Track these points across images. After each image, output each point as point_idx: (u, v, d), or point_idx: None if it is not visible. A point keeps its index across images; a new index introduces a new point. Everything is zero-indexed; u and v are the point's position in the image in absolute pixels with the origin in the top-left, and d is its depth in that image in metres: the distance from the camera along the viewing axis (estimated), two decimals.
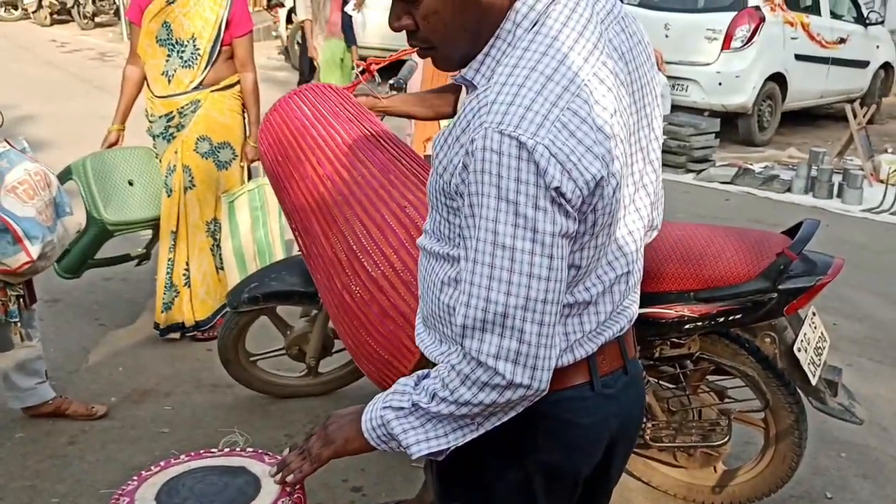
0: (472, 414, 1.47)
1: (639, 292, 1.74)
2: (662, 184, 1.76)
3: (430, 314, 1.66)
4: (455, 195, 1.47)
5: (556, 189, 1.35)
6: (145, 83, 4.48)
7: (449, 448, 1.53)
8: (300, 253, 3.06)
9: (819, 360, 3.08)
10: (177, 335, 4.59)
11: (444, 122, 5.08)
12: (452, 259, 1.57)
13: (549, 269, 1.39)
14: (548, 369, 1.43)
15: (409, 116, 3.22)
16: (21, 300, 3.47)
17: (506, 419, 1.50)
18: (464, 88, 1.93)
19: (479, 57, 1.50)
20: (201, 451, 1.94)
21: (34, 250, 3.27)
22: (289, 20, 13.82)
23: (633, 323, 1.71)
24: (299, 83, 11.41)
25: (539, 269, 1.38)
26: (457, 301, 1.47)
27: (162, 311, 4.56)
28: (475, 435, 1.51)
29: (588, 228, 1.44)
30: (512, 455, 1.63)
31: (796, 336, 3.00)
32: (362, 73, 3.37)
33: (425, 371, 1.56)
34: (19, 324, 3.48)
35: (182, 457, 1.88)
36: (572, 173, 1.35)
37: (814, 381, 3.02)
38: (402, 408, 1.52)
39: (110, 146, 4.51)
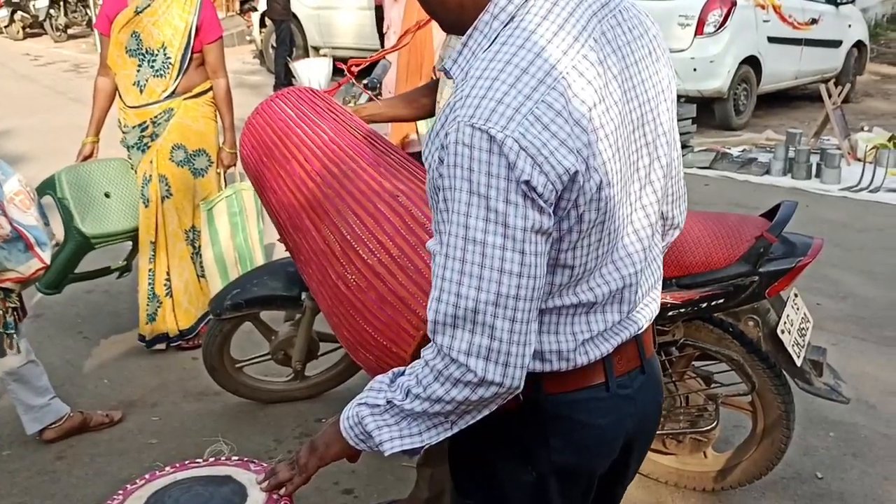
0: (444, 411, 1.46)
1: (659, 290, 1.72)
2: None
3: None
4: (436, 191, 1.45)
5: (527, 183, 1.33)
6: (117, 94, 4.45)
7: (423, 447, 1.51)
8: (286, 253, 3.05)
9: (803, 341, 3.09)
10: (162, 346, 4.57)
11: (420, 122, 5.08)
12: None
13: (521, 265, 1.36)
14: (521, 367, 1.41)
15: (398, 119, 3.21)
16: (16, 312, 3.47)
17: (479, 417, 1.48)
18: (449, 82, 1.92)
19: (458, 47, 1.49)
20: (186, 462, 1.93)
21: (46, 256, 3.37)
22: (262, 24, 13.79)
23: (652, 321, 1.70)
24: (275, 87, 11.40)
25: (510, 265, 1.36)
26: (430, 292, 1.44)
27: (147, 323, 4.53)
28: (448, 434, 1.50)
29: (573, 225, 1.42)
30: (526, 457, 1.62)
31: (779, 318, 3.01)
32: (340, 74, 3.36)
33: (401, 369, 1.55)
34: (15, 336, 3.48)
35: (167, 468, 1.87)
36: (543, 167, 1.33)
37: (798, 363, 3.03)
38: (378, 405, 1.51)
39: (85, 159, 4.48)
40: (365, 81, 4.06)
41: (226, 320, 3.74)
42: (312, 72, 4.76)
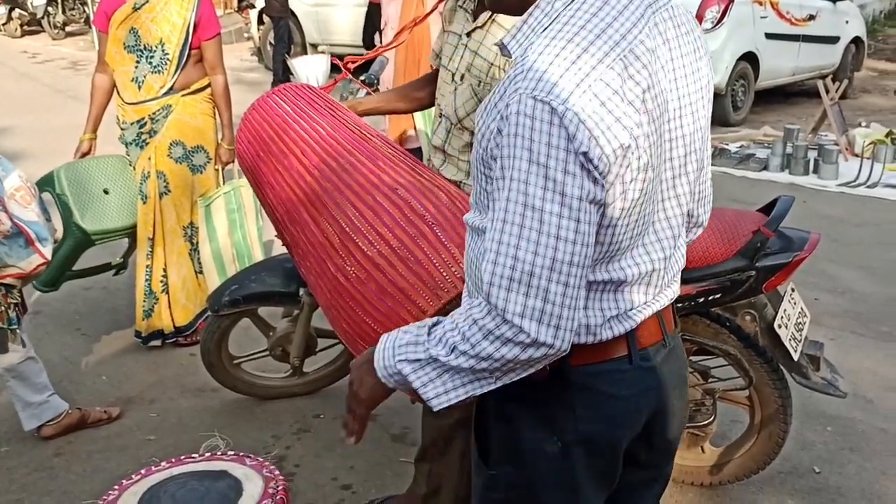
0: (491, 368, 1.50)
1: (679, 279, 1.78)
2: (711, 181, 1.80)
3: (474, 288, 1.68)
4: (490, 161, 1.52)
5: (585, 154, 1.40)
6: (115, 91, 4.45)
7: (467, 398, 1.56)
8: (284, 250, 3.05)
9: (800, 335, 3.10)
10: (158, 342, 4.57)
11: (417, 116, 5.08)
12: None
13: (576, 233, 1.43)
14: (570, 330, 1.47)
15: (394, 112, 3.21)
16: (18, 308, 3.47)
17: (524, 375, 1.53)
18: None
19: (518, 24, 1.57)
20: (182, 457, 1.93)
21: (47, 252, 3.38)
22: (260, 21, 13.78)
23: (673, 301, 1.76)
24: (273, 84, 11.39)
25: (566, 232, 1.43)
26: (485, 256, 1.49)
27: (143, 319, 4.53)
28: (492, 388, 1.55)
29: (615, 202, 1.48)
30: (552, 426, 1.66)
31: (776, 313, 3.01)
32: (337, 71, 3.36)
33: (435, 319, 1.60)
34: (18, 330, 3.49)
35: (163, 463, 1.88)
36: (600, 140, 1.41)
37: (796, 357, 3.03)
38: (419, 360, 1.55)
39: (83, 155, 4.49)
40: (363, 77, 4.05)
41: (223, 316, 3.74)
42: (310, 69, 4.75)
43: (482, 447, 1.77)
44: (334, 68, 3.66)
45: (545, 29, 1.50)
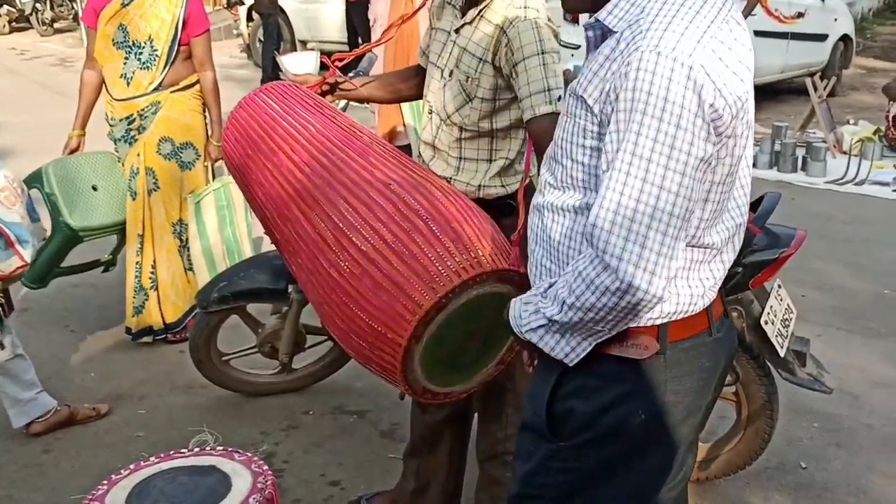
0: (597, 318, 1.60)
1: None
2: None
3: (557, 268, 1.77)
4: (599, 125, 1.61)
5: (711, 105, 1.51)
6: (104, 87, 4.44)
7: (589, 348, 1.68)
8: (272, 247, 3.04)
9: (786, 331, 3.11)
10: (149, 339, 4.57)
11: (407, 112, 5.09)
12: (584, 209, 1.69)
13: (680, 186, 1.52)
14: (665, 278, 1.56)
15: (371, 100, 3.21)
16: (2, 308, 3.46)
17: (631, 325, 1.64)
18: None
19: (615, 0, 1.66)
20: (171, 452, 1.94)
21: (27, 254, 3.33)
22: (249, 18, 13.75)
23: None
24: (262, 81, 11.36)
25: (670, 184, 1.51)
26: (595, 202, 1.57)
27: (133, 316, 4.53)
28: (608, 336, 1.66)
29: (725, 158, 1.59)
30: (639, 401, 1.74)
31: (763, 309, 3.03)
32: (326, 69, 3.35)
33: (551, 280, 1.72)
34: (2, 332, 3.47)
35: (152, 458, 1.88)
36: (723, 91, 1.51)
37: (782, 353, 3.05)
38: (541, 325, 1.69)
39: (72, 152, 4.47)
40: (351, 75, 4.05)
41: (213, 313, 3.74)
42: (300, 66, 4.75)
43: (553, 417, 1.81)
44: (324, 65, 3.66)
45: (651, 1, 1.60)
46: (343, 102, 3.64)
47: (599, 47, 1.69)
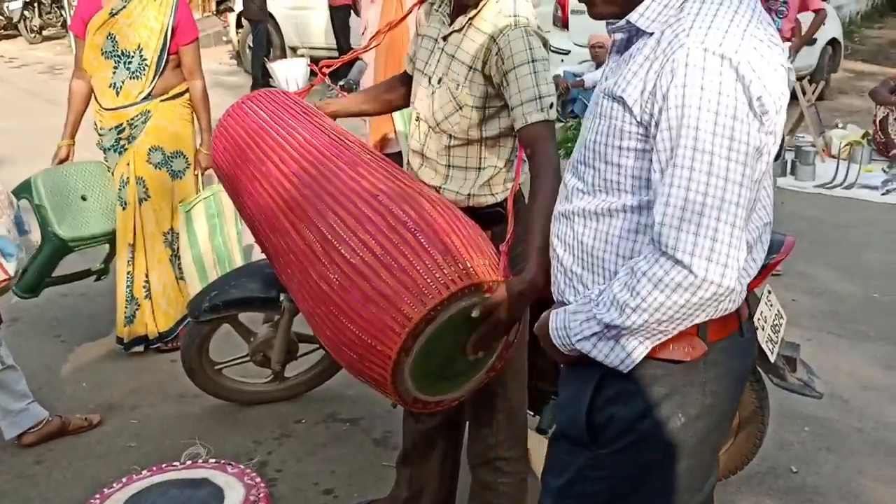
0: (665, 318, 1.60)
1: None
2: None
3: (592, 274, 1.78)
4: (639, 125, 1.63)
5: (759, 99, 1.54)
6: (93, 96, 4.44)
7: (646, 352, 1.67)
8: (262, 256, 3.04)
9: (777, 337, 3.13)
10: (140, 348, 4.56)
11: (398, 119, 5.09)
12: (621, 211, 1.71)
13: (743, 176, 1.54)
14: (737, 269, 1.57)
15: (362, 114, 3.21)
16: None
17: (697, 322, 1.63)
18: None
19: (646, 1, 1.68)
20: (163, 465, 1.94)
21: (10, 268, 3.31)
22: (239, 24, 13.74)
23: None
24: (252, 88, 11.36)
25: (734, 175, 1.53)
26: (656, 203, 1.59)
27: (125, 325, 4.52)
28: (668, 337, 1.66)
29: (768, 151, 1.62)
30: (678, 404, 1.75)
31: (753, 315, 3.04)
32: (314, 76, 3.35)
33: (598, 290, 1.70)
34: None
35: (144, 472, 1.88)
36: (768, 86, 1.55)
37: (772, 358, 3.06)
38: (594, 333, 1.68)
39: (61, 162, 4.46)
40: (341, 83, 4.06)
41: (204, 322, 3.74)
42: (290, 72, 4.76)
43: (593, 425, 1.81)
44: (314, 72, 3.67)
45: (683, 1, 1.63)
46: None
47: (630, 49, 1.72)
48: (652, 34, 1.66)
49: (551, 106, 2.49)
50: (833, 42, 12.22)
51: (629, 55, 1.70)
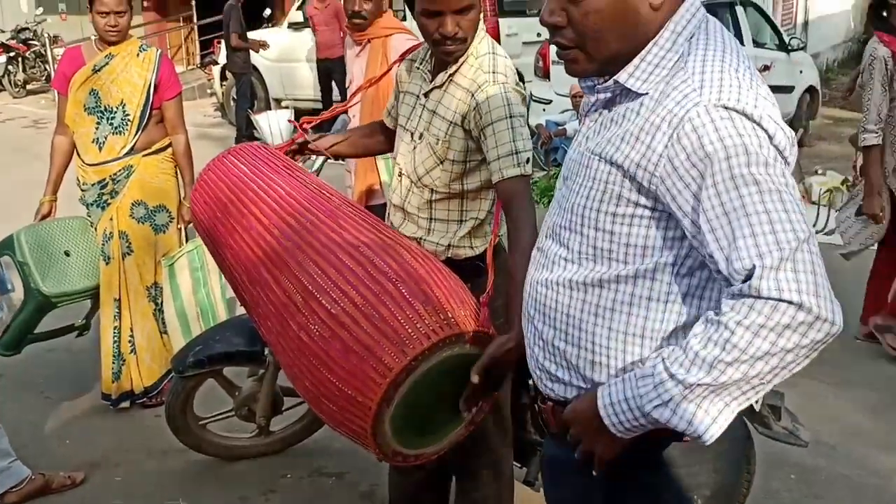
0: (766, 369, 1.46)
1: None
2: None
3: (615, 351, 1.68)
4: (639, 191, 1.57)
5: (784, 149, 1.52)
6: (76, 152, 4.45)
7: (733, 416, 1.52)
8: (243, 309, 3.03)
9: None
10: (127, 404, 4.53)
11: (383, 171, 5.11)
12: (613, 282, 1.65)
13: (801, 212, 1.48)
14: (838, 305, 1.47)
15: (339, 155, 3.20)
16: None
17: (797, 369, 1.50)
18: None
19: (635, 61, 1.63)
20: None
21: None
22: (223, 77, 13.83)
23: None
24: (237, 140, 11.41)
25: (799, 208, 1.48)
26: (730, 257, 1.48)
27: (113, 381, 4.49)
28: (759, 395, 1.53)
29: None
30: (693, 485, 1.71)
31: None
32: (295, 131, 3.37)
33: (664, 352, 1.55)
34: None
35: None
36: (787, 133, 1.53)
37: (757, 408, 3.06)
38: (672, 398, 1.50)
39: (44, 218, 4.45)
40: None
41: (189, 378, 3.73)
42: (274, 123, 4.79)
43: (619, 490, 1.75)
44: (295, 128, 3.69)
45: (675, 62, 1.60)
46: (319, 161, 3.67)
47: (615, 108, 1.68)
48: (645, 94, 1.62)
49: (527, 161, 2.52)
50: (811, 89, 12.40)
51: (618, 115, 1.65)
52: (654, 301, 1.66)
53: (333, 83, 11.85)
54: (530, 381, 1.94)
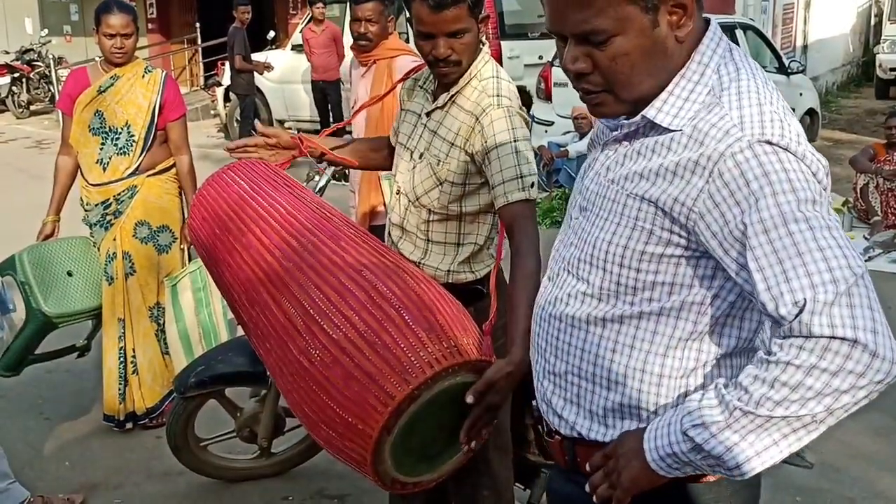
0: (817, 411, 1.39)
1: None
2: None
3: (631, 390, 1.64)
4: (677, 226, 1.53)
5: (825, 186, 1.49)
6: (79, 172, 4.46)
7: (781, 456, 1.46)
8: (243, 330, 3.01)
9: None
10: (130, 425, 4.51)
11: (385, 189, 5.10)
12: (635, 318, 1.60)
13: (849, 247, 1.43)
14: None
15: (342, 162, 3.17)
16: None
17: (855, 409, 1.42)
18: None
19: (663, 95, 1.58)
20: None
21: None
22: (227, 98, 13.87)
23: None
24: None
25: (851, 245, 1.43)
26: (781, 297, 1.40)
27: (119, 403, 4.47)
28: (813, 436, 1.44)
29: None
30: None
31: None
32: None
33: (714, 385, 1.50)
34: None
35: None
36: (826, 171, 1.50)
37: None
38: (715, 422, 1.45)
39: (46, 238, 4.46)
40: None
41: (190, 398, 3.71)
42: None
43: None
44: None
45: (712, 90, 1.55)
46: (323, 181, 3.66)
47: (640, 140, 1.62)
48: (677, 131, 1.56)
49: (532, 185, 2.52)
50: (811, 112, 12.44)
51: (645, 148, 1.59)
52: (676, 339, 1.62)
53: (329, 105, 11.92)
54: (533, 402, 1.92)
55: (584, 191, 1.75)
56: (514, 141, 2.52)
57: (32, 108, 18.20)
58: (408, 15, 2.64)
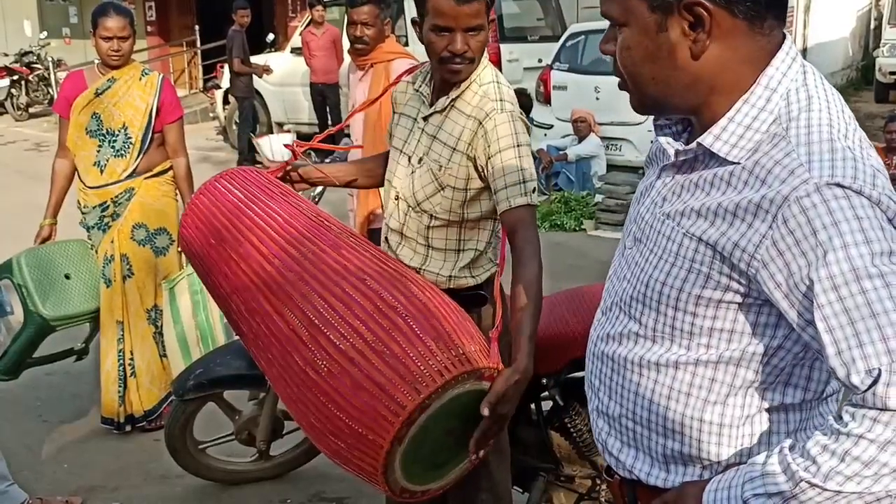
0: (893, 486, 1.29)
1: None
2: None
3: (690, 438, 1.54)
4: (728, 276, 1.41)
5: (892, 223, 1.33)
6: (76, 175, 4.46)
7: None
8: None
9: None
10: (128, 427, 4.50)
11: (384, 194, 5.11)
12: (691, 364, 1.51)
13: None
14: None
15: (350, 186, 3.18)
16: None
17: None
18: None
19: (722, 122, 1.45)
20: None
21: None
22: (225, 101, 13.87)
23: None
24: (239, 163, 11.42)
25: None
26: (853, 363, 1.29)
27: (119, 405, 4.46)
28: None
29: None
30: None
31: None
32: (307, 153, 3.36)
33: (779, 449, 1.37)
34: None
35: None
36: None
37: None
38: (779, 492, 1.34)
39: (43, 241, 4.45)
40: (328, 160, 4.08)
41: (189, 401, 3.70)
42: (275, 147, 4.80)
43: None
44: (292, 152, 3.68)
45: (777, 119, 1.42)
46: (319, 188, 3.64)
47: (698, 172, 1.50)
48: (736, 163, 1.43)
49: (533, 190, 2.51)
50: None
51: (703, 181, 1.47)
52: (736, 387, 1.51)
53: (328, 108, 11.91)
54: (532, 406, 1.91)
55: (638, 219, 1.63)
56: (517, 146, 2.52)
57: (31, 110, 18.19)
58: (408, 17, 2.63)
